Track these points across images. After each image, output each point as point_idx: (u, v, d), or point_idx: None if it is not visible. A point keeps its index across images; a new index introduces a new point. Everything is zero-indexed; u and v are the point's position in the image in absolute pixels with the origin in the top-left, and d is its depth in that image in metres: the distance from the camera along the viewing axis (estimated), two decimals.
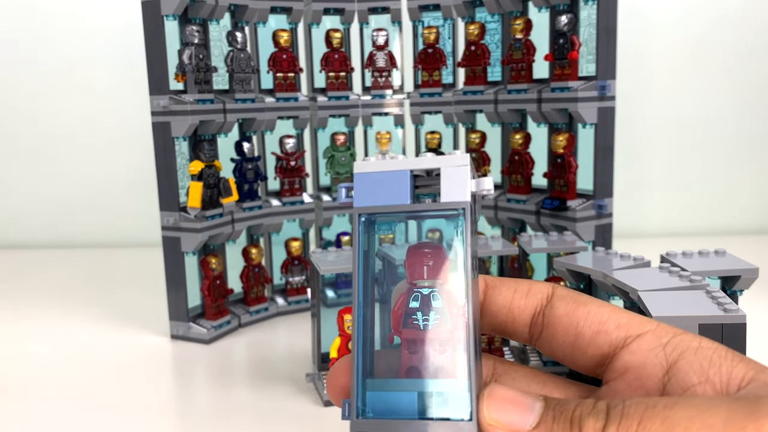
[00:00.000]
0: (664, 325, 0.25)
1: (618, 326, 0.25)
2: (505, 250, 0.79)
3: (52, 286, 1.17)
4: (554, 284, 0.28)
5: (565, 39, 0.87)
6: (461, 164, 0.25)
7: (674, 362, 0.23)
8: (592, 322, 0.25)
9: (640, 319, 0.25)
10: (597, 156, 0.87)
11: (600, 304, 0.26)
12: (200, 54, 0.89)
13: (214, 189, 0.92)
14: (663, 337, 0.24)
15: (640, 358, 0.24)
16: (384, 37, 1.00)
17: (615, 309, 0.26)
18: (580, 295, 0.27)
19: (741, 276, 0.64)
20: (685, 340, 0.24)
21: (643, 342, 0.24)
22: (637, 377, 0.24)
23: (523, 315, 0.27)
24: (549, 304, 0.27)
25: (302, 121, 1.01)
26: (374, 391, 0.25)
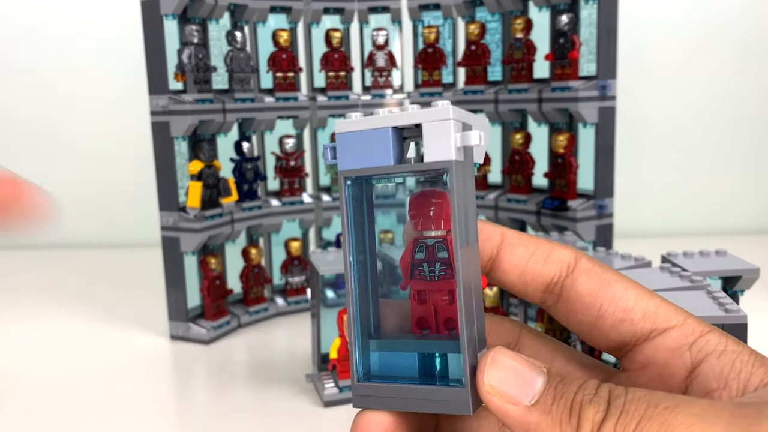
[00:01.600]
0: (692, 320, 0.24)
1: (644, 316, 0.24)
2: None
3: (52, 286, 1.17)
4: (579, 253, 0.25)
5: (566, 38, 0.87)
6: (443, 118, 0.23)
7: (698, 364, 0.23)
8: (616, 308, 0.24)
9: (667, 308, 0.24)
10: (598, 156, 0.87)
11: (626, 286, 0.24)
12: (200, 53, 0.89)
13: (213, 189, 0.92)
14: (690, 335, 0.23)
15: (665, 355, 0.23)
16: (384, 36, 1.00)
17: (641, 292, 0.24)
18: (606, 271, 0.25)
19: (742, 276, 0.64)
20: (712, 341, 0.23)
21: (669, 339, 0.23)
22: (659, 374, 0.23)
23: (537, 281, 0.25)
24: (570, 276, 0.25)
25: (302, 120, 1.01)
26: (378, 351, 0.24)
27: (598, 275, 0.25)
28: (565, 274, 0.25)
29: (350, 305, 0.24)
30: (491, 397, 0.21)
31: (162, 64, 0.86)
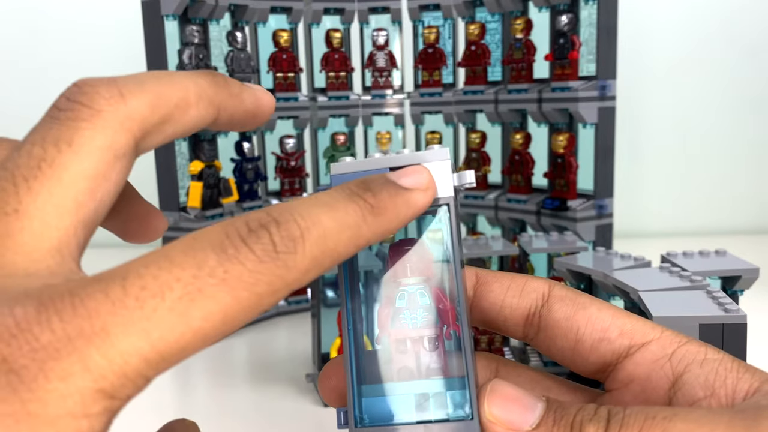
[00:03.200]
0: (669, 333, 0.24)
1: (621, 333, 0.24)
2: (505, 250, 0.79)
3: None
4: (552, 282, 0.26)
5: (566, 39, 0.87)
6: (442, 158, 0.24)
7: (680, 375, 0.23)
8: (593, 329, 0.24)
9: (643, 324, 0.24)
10: (597, 156, 0.87)
11: (600, 307, 0.25)
12: (200, 54, 0.89)
13: (214, 189, 0.92)
14: (668, 347, 0.23)
15: (645, 370, 0.23)
16: (384, 36, 1.00)
17: (616, 312, 0.25)
18: (580, 296, 0.25)
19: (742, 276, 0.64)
20: (691, 350, 0.23)
21: (648, 352, 0.23)
22: (642, 390, 0.23)
23: (516, 315, 0.26)
24: (546, 305, 0.25)
25: (302, 121, 1.01)
26: (370, 397, 0.24)
27: (572, 300, 0.25)
28: (541, 304, 0.25)
29: (347, 360, 0.24)
30: (494, 426, 0.22)
31: (163, 64, 0.86)
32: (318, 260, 0.18)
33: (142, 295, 0.16)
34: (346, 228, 0.18)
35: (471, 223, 1.04)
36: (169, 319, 0.16)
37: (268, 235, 0.17)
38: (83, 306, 0.15)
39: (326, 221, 0.18)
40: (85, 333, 0.15)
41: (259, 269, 0.16)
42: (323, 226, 0.18)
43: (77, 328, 0.15)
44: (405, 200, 0.21)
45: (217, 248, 0.17)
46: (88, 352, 0.15)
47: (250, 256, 0.17)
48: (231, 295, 0.16)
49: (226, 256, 0.16)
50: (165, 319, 0.16)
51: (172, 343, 0.16)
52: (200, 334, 0.16)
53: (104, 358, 0.15)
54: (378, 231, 0.19)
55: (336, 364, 0.25)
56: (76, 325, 0.15)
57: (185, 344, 0.16)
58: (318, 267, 0.18)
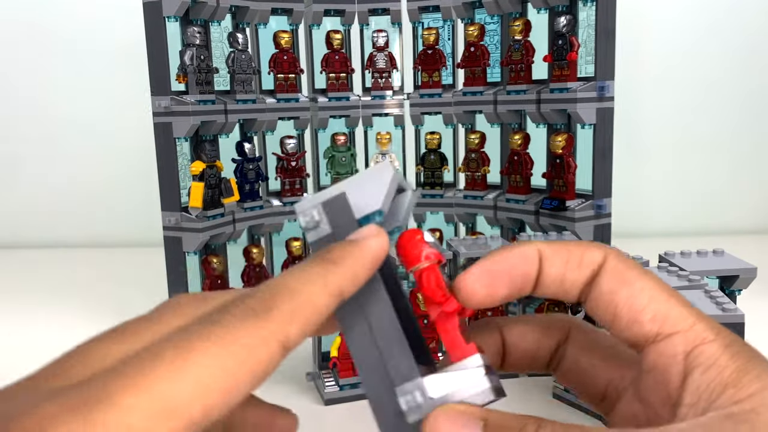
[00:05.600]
0: (700, 326, 0.23)
1: (653, 319, 0.24)
2: None
3: (52, 286, 1.18)
4: (608, 250, 0.26)
5: (564, 40, 0.87)
6: (385, 170, 0.26)
7: (688, 375, 0.23)
8: (629, 309, 0.24)
9: (679, 311, 0.24)
10: (596, 156, 0.88)
11: (644, 286, 0.24)
12: (201, 55, 0.90)
13: (215, 189, 0.93)
14: (690, 343, 0.23)
15: (665, 361, 0.23)
16: (384, 38, 1.00)
17: (657, 293, 0.24)
18: (630, 269, 0.25)
19: (739, 275, 0.65)
20: (706, 353, 0.23)
21: (671, 345, 0.23)
22: (658, 380, 0.24)
23: (574, 287, 0.26)
24: (597, 277, 0.25)
25: (303, 121, 1.01)
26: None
27: (620, 274, 0.25)
28: (595, 275, 0.25)
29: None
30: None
31: (164, 65, 0.87)
32: (297, 312, 0.20)
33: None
34: (313, 282, 0.21)
35: (470, 223, 1.05)
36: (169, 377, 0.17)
37: (244, 302, 0.20)
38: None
39: (292, 281, 0.21)
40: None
41: (242, 326, 0.19)
42: (290, 285, 0.21)
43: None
44: (359, 247, 0.23)
45: (203, 321, 0.19)
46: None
47: (231, 318, 0.19)
48: (224, 350, 0.18)
49: (210, 323, 0.19)
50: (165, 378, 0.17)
51: (183, 400, 0.17)
52: (202, 385, 0.17)
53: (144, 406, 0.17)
54: (345, 276, 0.22)
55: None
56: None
57: (193, 398, 0.17)
58: (301, 318, 0.20)
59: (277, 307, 0.20)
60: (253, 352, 0.19)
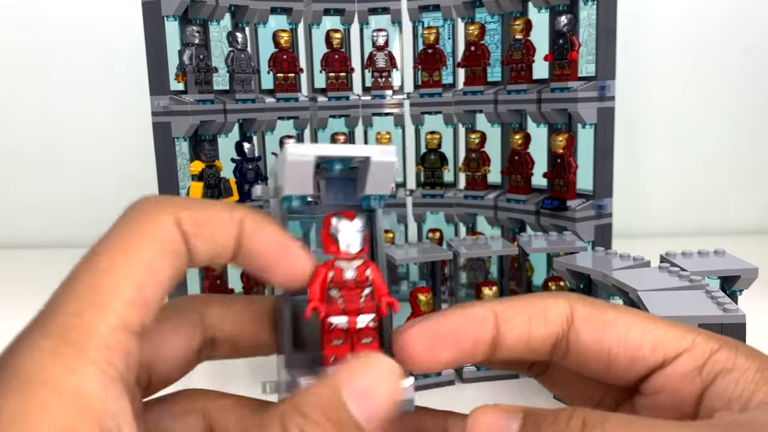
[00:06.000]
0: (701, 339, 0.23)
1: (654, 349, 0.23)
2: (504, 250, 0.79)
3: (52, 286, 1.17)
4: (571, 299, 0.24)
5: (565, 39, 0.87)
6: (388, 157, 0.25)
7: (708, 386, 0.22)
8: (625, 349, 0.23)
9: (674, 333, 0.23)
10: (597, 156, 0.87)
11: (628, 322, 0.24)
12: (201, 54, 0.90)
13: (214, 189, 0.93)
14: (699, 358, 0.23)
15: (675, 382, 0.23)
16: (384, 37, 1.00)
17: (645, 324, 0.24)
18: (604, 311, 0.24)
19: (740, 276, 0.64)
20: (720, 360, 0.22)
21: (679, 365, 0.23)
22: (670, 400, 0.23)
23: (543, 346, 0.24)
24: (572, 329, 0.24)
25: (302, 121, 1.01)
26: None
27: (597, 319, 0.24)
28: (567, 328, 0.24)
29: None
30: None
31: (163, 64, 0.87)
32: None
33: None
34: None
35: (470, 222, 1.05)
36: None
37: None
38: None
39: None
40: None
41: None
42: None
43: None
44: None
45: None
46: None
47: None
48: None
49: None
50: None
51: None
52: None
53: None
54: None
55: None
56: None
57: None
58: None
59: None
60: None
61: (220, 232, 0.23)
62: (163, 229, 0.22)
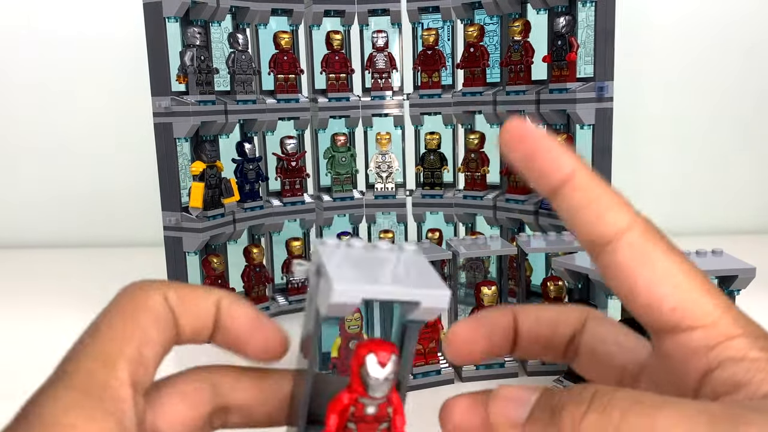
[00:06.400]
0: (725, 320, 0.23)
1: (674, 309, 0.23)
2: (503, 250, 0.79)
3: (52, 286, 1.18)
4: (637, 218, 0.25)
5: (564, 41, 0.88)
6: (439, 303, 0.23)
7: (713, 370, 0.22)
8: (648, 293, 0.23)
9: (704, 303, 0.23)
10: (595, 157, 0.88)
11: (666, 269, 0.23)
12: (202, 55, 0.90)
13: (215, 189, 0.93)
14: (713, 339, 0.22)
15: (683, 354, 0.23)
16: (384, 38, 1.01)
17: (683, 278, 0.23)
18: (655, 242, 0.24)
19: (738, 276, 0.65)
20: (733, 347, 0.22)
21: (691, 340, 0.22)
22: (674, 370, 0.23)
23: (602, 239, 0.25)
24: (614, 243, 0.24)
25: (303, 122, 1.02)
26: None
27: (642, 249, 0.24)
28: (616, 243, 0.24)
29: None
30: (499, 425, 0.23)
31: (164, 66, 0.87)
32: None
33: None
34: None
35: (470, 223, 1.05)
36: None
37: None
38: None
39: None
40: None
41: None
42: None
43: None
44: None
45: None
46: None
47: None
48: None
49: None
50: None
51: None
52: None
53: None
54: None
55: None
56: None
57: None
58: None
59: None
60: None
61: (201, 309, 0.25)
62: (154, 302, 0.24)
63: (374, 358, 0.22)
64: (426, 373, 0.75)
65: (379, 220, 1.07)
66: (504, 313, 0.28)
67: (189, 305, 0.25)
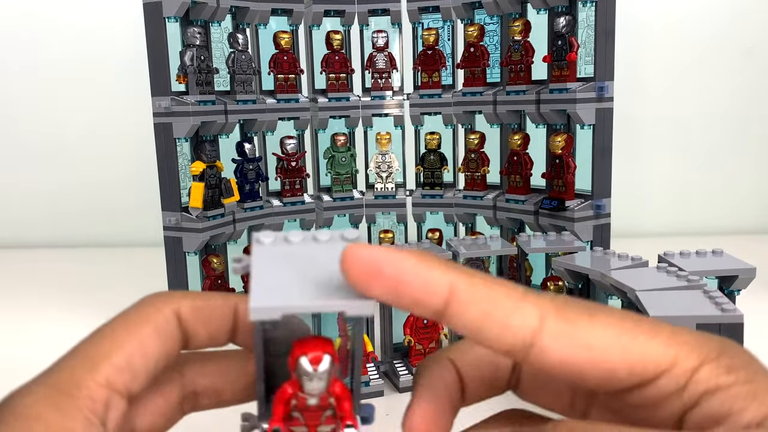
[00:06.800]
0: (683, 355, 0.21)
1: (631, 372, 0.21)
2: (504, 250, 0.79)
3: (52, 286, 1.18)
4: (542, 310, 0.22)
5: (564, 40, 0.88)
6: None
7: (691, 407, 0.21)
8: (600, 371, 0.21)
9: (654, 350, 0.21)
10: (595, 156, 0.88)
11: (604, 342, 0.21)
12: (202, 55, 0.90)
13: (215, 189, 0.93)
14: (681, 377, 0.21)
15: (655, 402, 0.22)
16: (384, 38, 1.01)
17: (623, 339, 0.21)
18: (577, 326, 0.22)
19: (738, 276, 0.65)
20: (702, 380, 0.21)
21: (660, 387, 0.21)
22: (650, 416, 0.22)
23: (504, 372, 0.25)
24: (537, 345, 0.21)
25: (303, 122, 1.02)
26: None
27: (569, 338, 0.21)
28: (531, 343, 0.22)
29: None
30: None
31: (164, 66, 0.87)
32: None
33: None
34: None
35: (470, 223, 1.05)
36: None
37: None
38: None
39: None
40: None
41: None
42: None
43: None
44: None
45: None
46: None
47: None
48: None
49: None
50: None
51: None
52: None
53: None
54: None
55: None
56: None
57: None
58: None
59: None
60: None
61: (217, 317, 0.26)
62: (159, 314, 0.25)
63: (306, 358, 0.23)
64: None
65: (379, 220, 1.07)
66: (447, 372, 0.25)
67: (203, 314, 0.26)
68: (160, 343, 0.25)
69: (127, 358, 0.24)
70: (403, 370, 0.75)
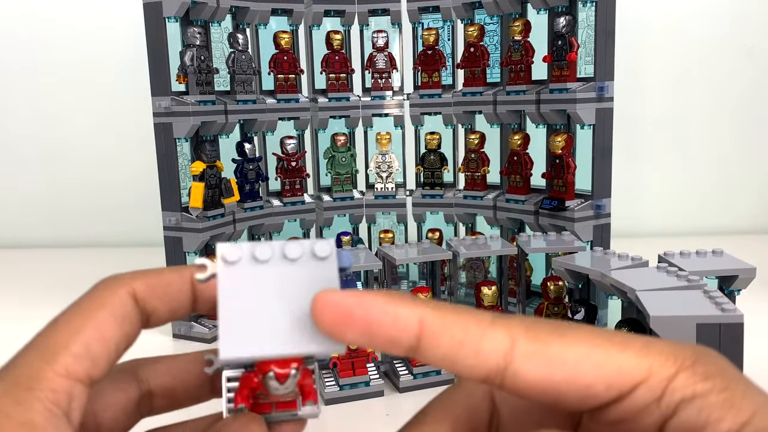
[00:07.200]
0: (657, 365, 0.21)
1: (608, 386, 0.21)
2: (504, 250, 0.79)
3: (52, 286, 1.18)
4: (513, 332, 0.22)
5: (564, 40, 0.88)
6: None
7: (670, 417, 0.21)
8: (576, 388, 0.21)
9: (629, 362, 0.21)
10: (595, 156, 0.88)
11: (577, 357, 0.21)
12: (202, 55, 0.90)
13: (215, 189, 0.93)
14: (657, 388, 0.21)
15: (633, 415, 0.22)
16: (384, 38, 1.01)
17: (597, 354, 0.21)
18: (549, 344, 0.22)
19: (738, 276, 0.65)
20: (678, 388, 0.21)
21: (635, 398, 0.21)
22: (630, 428, 0.22)
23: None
24: (511, 367, 0.21)
25: (303, 122, 1.02)
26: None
27: (542, 357, 0.22)
28: (504, 366, 0.22)
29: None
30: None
31: (164, 66, 0.87)
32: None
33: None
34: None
35: (470, 223, 1.05)
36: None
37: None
38: None
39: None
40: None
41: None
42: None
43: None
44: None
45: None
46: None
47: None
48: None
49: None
50: None
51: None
52: None
53: None
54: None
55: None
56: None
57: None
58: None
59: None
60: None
61: (174, 290, 0.26)
62: (114, 296, 0.26)
63: (272, 374, 0.23)
64: (426, 373, 0.74)
65: (379, 220, 1.07)
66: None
67: (159, 290, 0.26)
68: (117, 326, 0.25)
69: (85, 345, 0.24)
70: (403, 370, 0.75)
